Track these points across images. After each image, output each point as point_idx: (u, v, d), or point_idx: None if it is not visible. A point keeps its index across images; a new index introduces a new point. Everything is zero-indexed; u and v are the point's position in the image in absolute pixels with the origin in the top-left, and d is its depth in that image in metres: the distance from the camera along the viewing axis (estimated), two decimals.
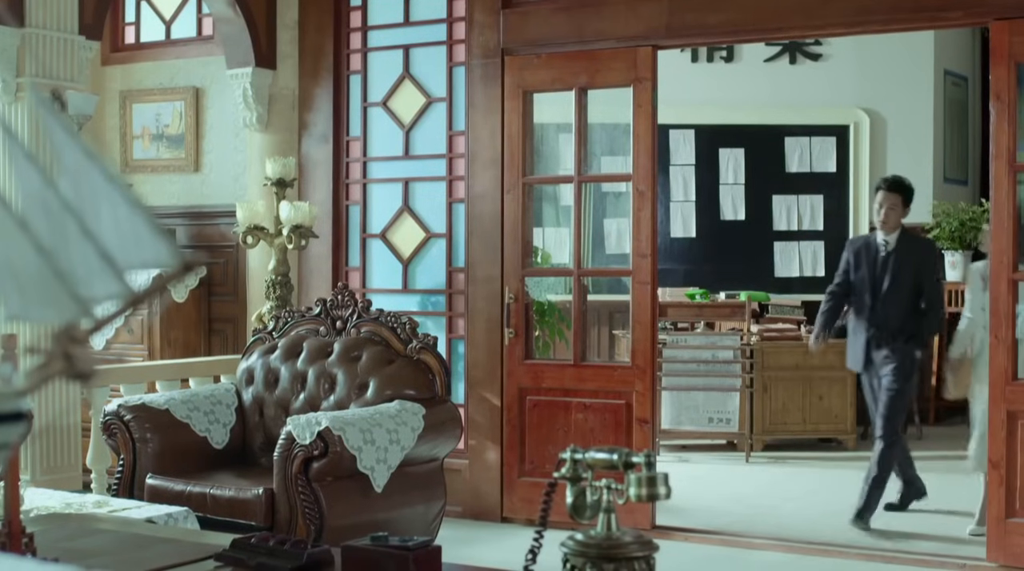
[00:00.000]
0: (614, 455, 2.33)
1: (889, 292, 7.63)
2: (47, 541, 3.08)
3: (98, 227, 1.15)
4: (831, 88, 12.03)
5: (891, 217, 7.66)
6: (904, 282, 7.64)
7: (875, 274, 7.69)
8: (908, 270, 7.64)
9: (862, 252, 7.80)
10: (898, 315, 7.63)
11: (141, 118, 9.87)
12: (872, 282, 7.69)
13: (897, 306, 7.64)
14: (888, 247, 7.68)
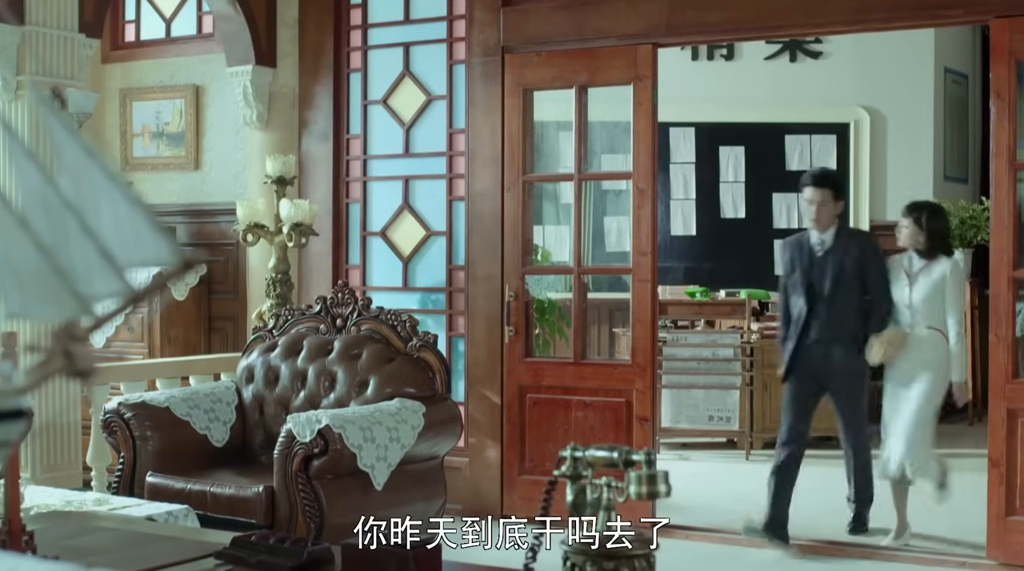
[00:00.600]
0: (614, 453, 2.33)
1: (830, 294, 7.05)
2: (47, 539, 3.08)
3: (98, 225, 1.15)
4: (831, 86, 12.02)
5: (822, 214, 7.09)
6: (846, 282, 7.07)
7: (812, 276, 7.10)
8: (850, 268, 7.09)
9: (795, 253, 7.22)
10: (842, 318, 7.08)
11: (141, 116, 9.87)
12: (809, 285, 7.08)
13: (839, 309, 7.07)
14: (824, 246, 7.10)
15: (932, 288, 7.00)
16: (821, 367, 7.10)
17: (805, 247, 7.18)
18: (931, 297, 6.99)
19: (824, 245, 7.10)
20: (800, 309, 7.10)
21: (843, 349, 7.09)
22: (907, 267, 7.11)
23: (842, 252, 7.09)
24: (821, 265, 7.11)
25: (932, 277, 7.02)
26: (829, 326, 7.07)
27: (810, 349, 7.08)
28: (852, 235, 7.52)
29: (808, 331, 7.08)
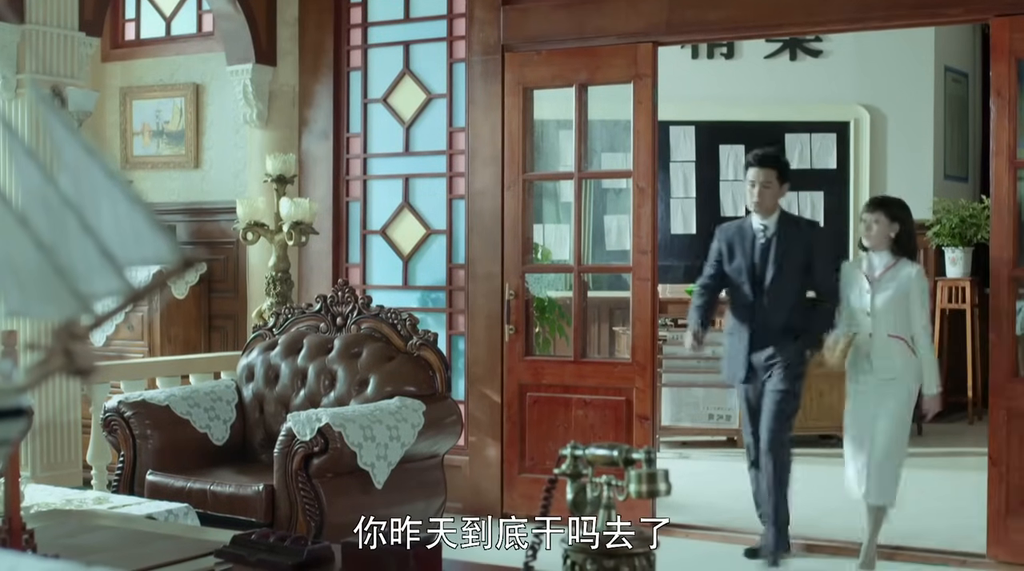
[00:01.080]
0: (614, 451, 2.34)
1: (774, 285, 6.61)
2: (47, 538, 3.08)
3: (98, 223, 1.15)
4: (831, 84, 12.02)
5: (766, 196, 6.64)
6: (790, 271, 6.61)
7: (754, 264, 6.66)
8: (795, 257, 6.62)
9: (736, 240, 6.76)
10: (785, 310, 6.63)
11: (141, 114, 9.87)
12: (752, 274, 6.66)
13: (783, 300, 6.63)
14: (767, 232, 6.66)
15: (898, 293, 6.38)
16: (758, 363, 6.70)
17: (747, 233, 6.72)
18: (896, 303, 6.39)
19: (767, 231, 6.66)
20: (746, 298, 6.70)
21: (782, 346, 6.62)
22: (867, 270, 6.48)
23: (786, 240, 6.64)
24: (763, 253, 6.66)
25: (898, 281, 6.39)
26: (769, 320, 6.63)
27: (754, 341, 6.70)
28: (798, 222, 6.98)
29: (753, 321, 6.69)
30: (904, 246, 6.47)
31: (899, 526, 7.22)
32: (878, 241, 6.45)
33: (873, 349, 6.44)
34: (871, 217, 6.48)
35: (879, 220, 6.45)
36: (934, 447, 10.28)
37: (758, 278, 6.66)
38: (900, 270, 6.42)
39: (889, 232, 6.44)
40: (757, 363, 6.71)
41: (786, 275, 6.62)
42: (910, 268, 6.44)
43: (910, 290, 6.38)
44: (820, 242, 6.84)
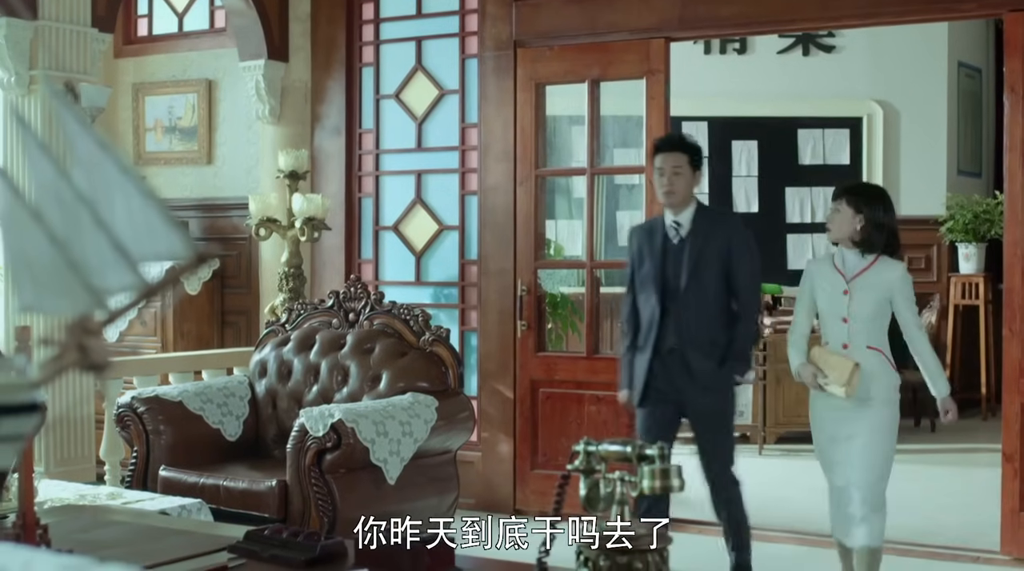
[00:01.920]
0: (627, 447, 2.33)
1: (688, 293, 5.73)
2: (61, 532, 3.08)
3: (112, 218, 1.15)
4: (844, 80, 12.00)
5: (678, 185, 5.72)
6: (708, 277, 5.74)
7: (665, 269, 5.77)
8: (712, 259, 5.74)
9: (645, 242, 5.89)
10: (703, 324, 5.74)
11: (154, 110, 9.87)
12: (662, 280, 5.77)
13: (702, 313, 5.74)
14: (681, 231, 5.79)
15: (881, 298, 5.50)
16: (677, 384, 5.79)
17: (657, 233, 5.85)
18: (877, 309, 5.51)
19: (681, 230, 5.79)
20: (653, 310, 5.78)
21: (703, 361, 5.74)
22: (841, 266, 5.55)
23: (703, 238, 5.76)
24: (676, 255, 5.78)
25: (879, 283, 5.49)
26: (686, 331, 5.73)
27: (665, 361, 5.78)
28: (716, 218, 6.03)
29: (663, 339, 5.76)
30: (873, 243, 5.49)
31: (912, 523, 7.21)
32: (838, 233, 5.52)
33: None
34: (833, 206, 5.59)
35: (839, 209, 5.52)
36: (948, 443, 10.26)
37: (671, 287, 5.75)
38: (882, 271, 5.51)
39: (853, 224, 5.46)
40: (671, 385, 5.80)
41: (703, 282, 5.74)
42: (894, 269, 5.52)
43: (895, 294, 5.50)
44: (741, 239, 5.85)
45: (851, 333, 5.51)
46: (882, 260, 5.52)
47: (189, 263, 1.16)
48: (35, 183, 1.18)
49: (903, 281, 5.54)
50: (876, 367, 5.50)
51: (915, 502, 7.97)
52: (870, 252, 5.50)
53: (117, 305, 1.15)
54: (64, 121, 1.20)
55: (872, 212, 5.48)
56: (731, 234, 5.82)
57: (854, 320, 5.50)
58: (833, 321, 5.55)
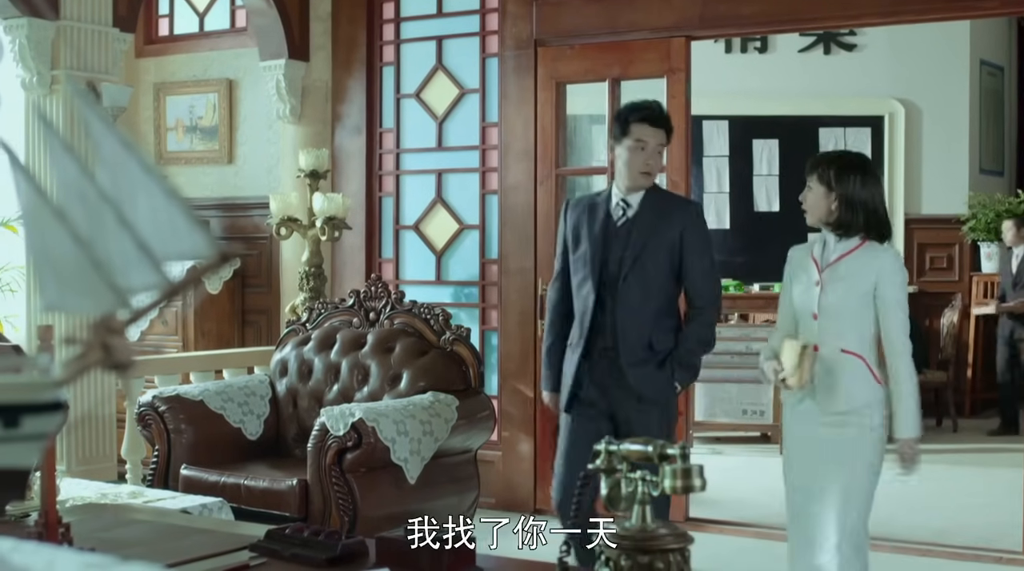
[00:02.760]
0: (649, 447, 2.33)
1: (628, 284, 4.94)
2: (83, 531, 3.09)
3: (135, 218, 1.15)
4: (866, 78, 11.96)
5: (656, 166, 5.03)
6: (654, 268, 4.96)
7: (605, 253, 4.98)
8: (661, 247, 4.96)
9: (584, 219, 5.08)
10: (642, 322, 4.93)
11: (175, 110, 9.90)
12: (600, 266, 4.98)
13: (642, 306, 4.94)
14: (628, 211, 5.00)
15: (860, 289, 4.50)
16: (608, 392, 5.00)
17: (599, 211, 5.05)
18: (855, 303, 4.50)
19: (628, 210, 5.00)
20: (587, 300, 5.01)
21: (639, 366, 4.94)
22: (818, 254, 4.61)
23: (653, 222, 4.97)
24: (619, 238, 4.98)
25: (859, 272, 4.52)
26: (621, 330, 4.94)
27: (596, 364, 5.01)
28: (671, 202, 5.20)
29: (595, 336, 4.99)
30: (851, 224, 4.55)
31: (933, 523, 7.19)
32: (813, 215, 4.60)
33: (817, 369, 4.50)
34: (808, 182, 4.63)
35: (811, 187, 4.60)
36: (968, 443, 10.22)
37: (609, 275, 4.97)
38: (865, 256, 4.53)
39: (827, 204, 4.54)
40: (596, 398, 5.01)
41: (648, 273, 4.95)
42: (881, 253, 4.54)
43: (880, 284, 4.48)
44: (697, 228, 5.06)
45: (821, 332, 4.50)
46: (868, 245, 4.54)
47: (212, 262, 1.16)
48: (59, 182, 1.18)
49: (892, 270, 4.51)
50: (853, 378, 4.48)
51: (936, 502, 7.95)
52: (850, 236, 4.53)
53: (140, 304, 1.15)
54: (88, 121, 1.20)
55: (846, 187, 4.53)
56: (686, 221, 4.99)
57: (825, 316, 4.50)
58: (804, 318, 4.59)
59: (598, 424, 4.87)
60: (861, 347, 4.48)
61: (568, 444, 5.04)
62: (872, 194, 4.61)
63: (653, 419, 4.89)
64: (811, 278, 4.57)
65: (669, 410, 5.05)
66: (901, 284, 4.53)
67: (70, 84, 4.39)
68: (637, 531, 2.25)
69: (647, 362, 4.93)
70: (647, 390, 4.93)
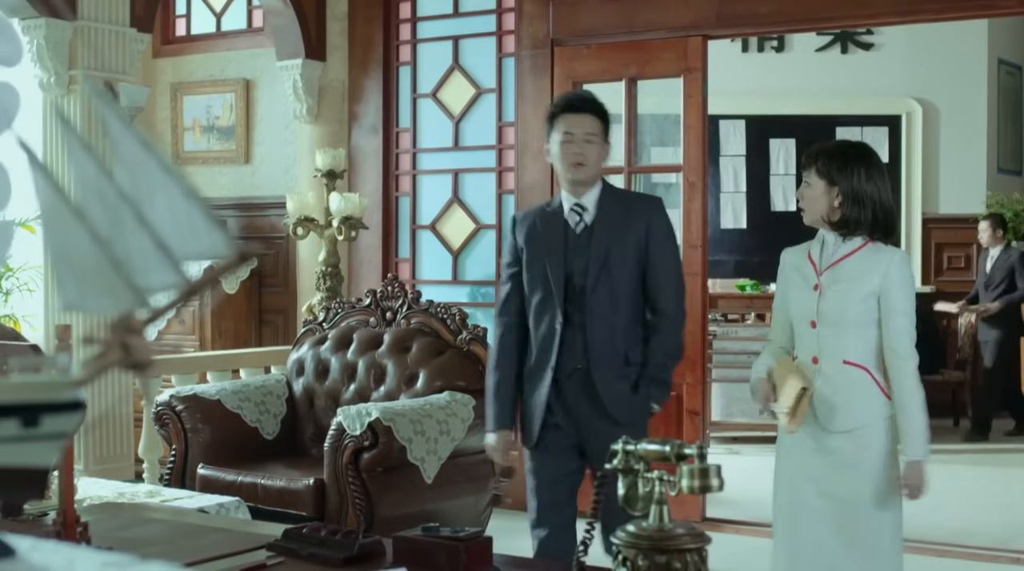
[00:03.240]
0: (666, 447, 2.32)
1: (596, 297, 4.45)
2: (101, 530, 3.10)
3: (154, 217, 1.15)
4: (883, 78, 11.94)
5: (590, 155, 4.52)
6: (622, 276, 4.48)
7: (569, 265, 4.49)
8: (627, 252, 4.48)
9: (537, 234, 4.56)
10: (615, 337, 4.46)
11: (192, 110, 9.92)
12: (565, 281, 4.48)
13: (612, 320, 4.46)
14: (585, 216, 4.53)
15: (863, 293, 4.05)
16: (577, 417, 4.50)
17: (555, 222, 4.55)
18: (855, 309, 4.06)
19: (585, 215, 4.53)
20: (552, 321, 4.49)
21: (614, 385, 4.47)
22: (816, 256, 4.17)
23: (614, 225, 4.50)
24: (581, 248, 4.50)
25: (863, 274, 4.06)
26: (592, 347, 4.45)
27: (564, 388, 4.50)
28: (630, 200, 4.84)
29: (564, 358, 4.48)
30: (857, 223, 4.09)
31: (950, 524, 7.17)
32: (812, 214, 4.15)
33: (816, 385, 4.08)
34: (803, 178, 4.20)
35: (809, 182, 4.15)
36: (993, 444, 10.20)
37: (574, 290, 4.48)
38: (870, 257, 4.08)
39: (828, 200, 4.10)
40: (565, 425, 4.51)
41: (616, 282, 4.48)
42: (887, 254, 4.08)
43: (885, 289, 4.04)
44: (662, 225, 4.58)
45: (821, 342, 4.08)
46: (873, 246, 4.10)
47: (231, 262, 1.16)
48: (78, 181, 1.18)
49: (900, 273, 4.07)
50: (857, 393, 4.06)
51: (954, 502, 7.92)
52: (854, 235, 4.09)
53: (159, 304, 1.15)
54: (107, 120, 1.20)
55: (850, 182, 4.07)
56: (650, 219, 4.53)
57: (824, 323, 4.07)
58: (802, 326, 4.15)
59: (568, 460, 4.51)
60: (865, 358, 4.04)
61: (544, 485, 4.53)
62: (878, 188, 4.09)
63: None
64: (808, 282, 4.13)
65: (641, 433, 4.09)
66: (909, 289, 4.09)
67: (89, 84, 4.40)
68: (654, 531, 2.25)
69: (622, 380, 4.46)
70: (622, 412, 4.41)
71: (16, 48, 1.24)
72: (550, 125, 4.61)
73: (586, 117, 4.56)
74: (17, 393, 1.18)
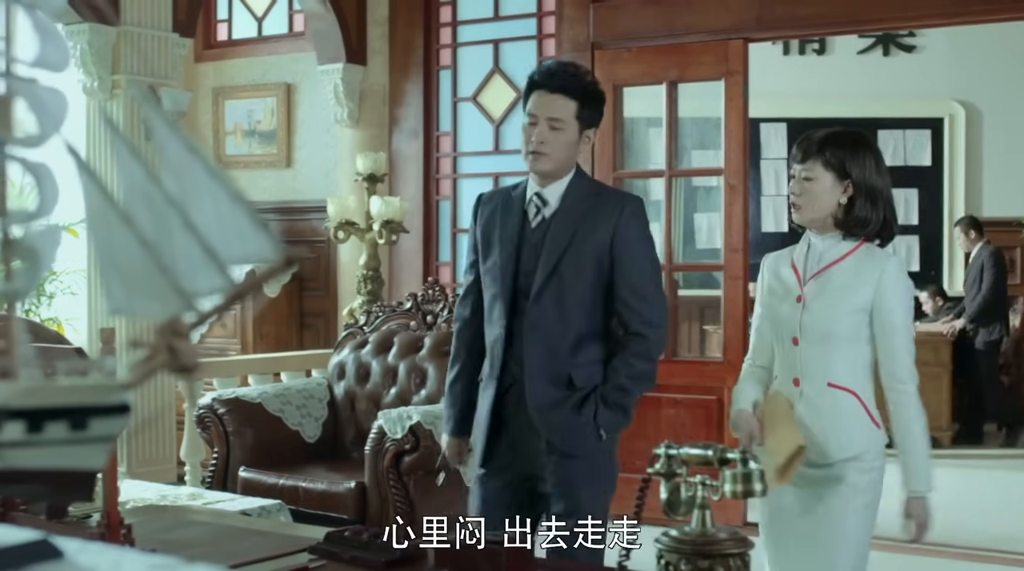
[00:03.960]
0: (709, 451, 2.32)
1: (543, 300, 3.78)
2: (144, 532, 3.11)
3: (200, 221, 1.16)
4: (925, 80, 11.87)
5: (554, 143, 3.81)
6: (575, 279, 3.78)
7: (518, 262, 3.83)
8: (585, 254, 3.78)
9: (496, 220, 3.92)
10: (559, 350, 3.77)
11: (233, 114, 9.97)
12: (513, 279, 3.82)
13: (557, 330, 3.78)
14: (545, 210, 3.86)
15: (854, 305, 3.50)
16: (516, 443, 3.86)
17: (514, 209, 3.91)
18: (843, 323, 3.49)
19: (544, 208, 3.86)
20: (497, 325, 3.84)
21: (553, 408, 3.77)
22: (800, 261, 3.61)
23: (575, 221, 3.81)
24: (532, 243, 3.84)
25: (854, 283, 3.51)
26: (530, 361, 3.78)
27: (505, 406, 3.86)
28: (601, 195, 3.94)
29: (507, 371, 3.84)
30: (867, 221, 3.54)
31: (994, 529, 7.11)
32: (813, 212, 3.54)
33: (798, 410, 3.54)
34: (801, 171, 3.55)
35: (812, 175, 3.53)
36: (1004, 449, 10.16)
37: (520, 290, 3.82)
38: (862, 262, 3.53)
39: (835, 197, 3.52)
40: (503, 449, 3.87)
41: (566, 284, 3.78)
42: (883, 261, 3.53)
43: (880, 300, 3.48)
44: (633, 230, 3.85)
45: (803, 361, 3.53)
46: (866, 249, 3.56)
47: (277, 266, 1.17)
48: (125, 186, 1.19)
49: (896, 282, 3.51)
50: (843, 420, 3.50)
51: (998, 507, 7.88)
52: (854, 237, 3.55)
53: (206, 307, 1.16)
54: (153, 124, 1.21)
55: (863, 173, 3.52)
56: (618, 220, 3.81)
57: (807, 340, 3.52)
58: (783, 343, 3.60)
59: (514, 491, 3.86)
60: (854, 380, 3.49)
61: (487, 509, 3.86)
62: (887, 182, 3.58)
63: (577, 479, 3.73)
64: (790, 293, 3.57)
65: (598, 467, 3.80)
66: (906, 301, 3.55)
67: (135, 88, 4.42)
68: (697, 535, 2.24)
69: (561, 404, 3.75)
70: (560, 440, 3.75)
71: (63, 54, 1.25)
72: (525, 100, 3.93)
73: (556, 98, 3.81)
74: (66, 396, 1.19)
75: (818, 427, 3.48)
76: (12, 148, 1.22)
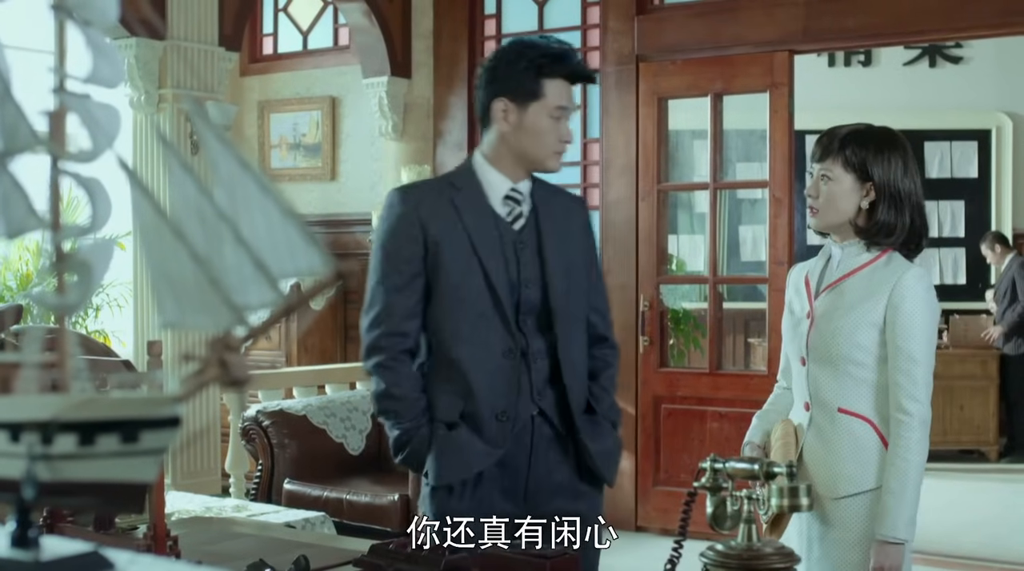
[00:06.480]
0: (755, 465, 2.31)
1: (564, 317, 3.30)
2: (190, 544, 3.13)
3: (252, 235, 1.17)
4: (972, 91, 11.79)
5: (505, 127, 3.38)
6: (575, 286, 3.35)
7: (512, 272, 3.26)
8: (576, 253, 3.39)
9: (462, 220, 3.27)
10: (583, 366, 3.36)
11: (279, 127, 10.02)
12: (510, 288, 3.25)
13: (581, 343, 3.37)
14: (523, 205, 3.39)
15: (867, 322, 3.10)
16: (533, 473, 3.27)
17: (485, 211, 3.32)
18: (861, 344, 3.10)
19: (522, 204, 3.39)
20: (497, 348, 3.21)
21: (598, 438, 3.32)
22: (815, 275, 3.30)
23: (558, 219, 3.41)
24: (528, 246, 3.32)
25: (867, 294, 3.13)
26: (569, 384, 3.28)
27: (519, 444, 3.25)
28: (561, 197, 3.57)
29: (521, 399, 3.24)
30: (891, 227, 3.16)
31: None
32: (831, 217, 3.20)
33: (807, 439, 3.20)
34: (819, 171, 3.23)
35: (831, 175, 3.19)
36: None
37: (530, 303, 3.27)
38: (881, 273, 3.14)
39: (856, 200, 3.17)
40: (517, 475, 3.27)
41: (577, 292, 3.36)
42: (901, 271, 3.12)
43: (893, 317, 3.08)
44: (590, 228, 3.54)
45: (812, 384, 3.19)
46: (888, 258, 3.17)
47: (328, 280, 1.17)
48: (177, 200, 1.20)
49: (911, 299, 3.08)
50: (854, 451, 3.12)
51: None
52: (878, 246, 3.17)
53: (256, 321, 1.17)
54: (205, 139, 1.22)
55: (887, 175, 3.15)
56: (584, 219, 3.51)
57: (815, 361, 3.18)
58: (794, 363, 3.30)
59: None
60: (868, 406, 3.11)
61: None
62: (915, 185, 3.19)
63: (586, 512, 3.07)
64: (801, 309, 3.25)
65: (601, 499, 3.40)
66: (923, 316, 3.09)
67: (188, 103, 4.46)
68: (743, 550, 2.23)
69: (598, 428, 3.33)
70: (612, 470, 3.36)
71: (117, 70, 1.26)
72: (529, 86, 3.32)
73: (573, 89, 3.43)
74: (117, 409, 1.20)
75: (827, 457, 3.12)
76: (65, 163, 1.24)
